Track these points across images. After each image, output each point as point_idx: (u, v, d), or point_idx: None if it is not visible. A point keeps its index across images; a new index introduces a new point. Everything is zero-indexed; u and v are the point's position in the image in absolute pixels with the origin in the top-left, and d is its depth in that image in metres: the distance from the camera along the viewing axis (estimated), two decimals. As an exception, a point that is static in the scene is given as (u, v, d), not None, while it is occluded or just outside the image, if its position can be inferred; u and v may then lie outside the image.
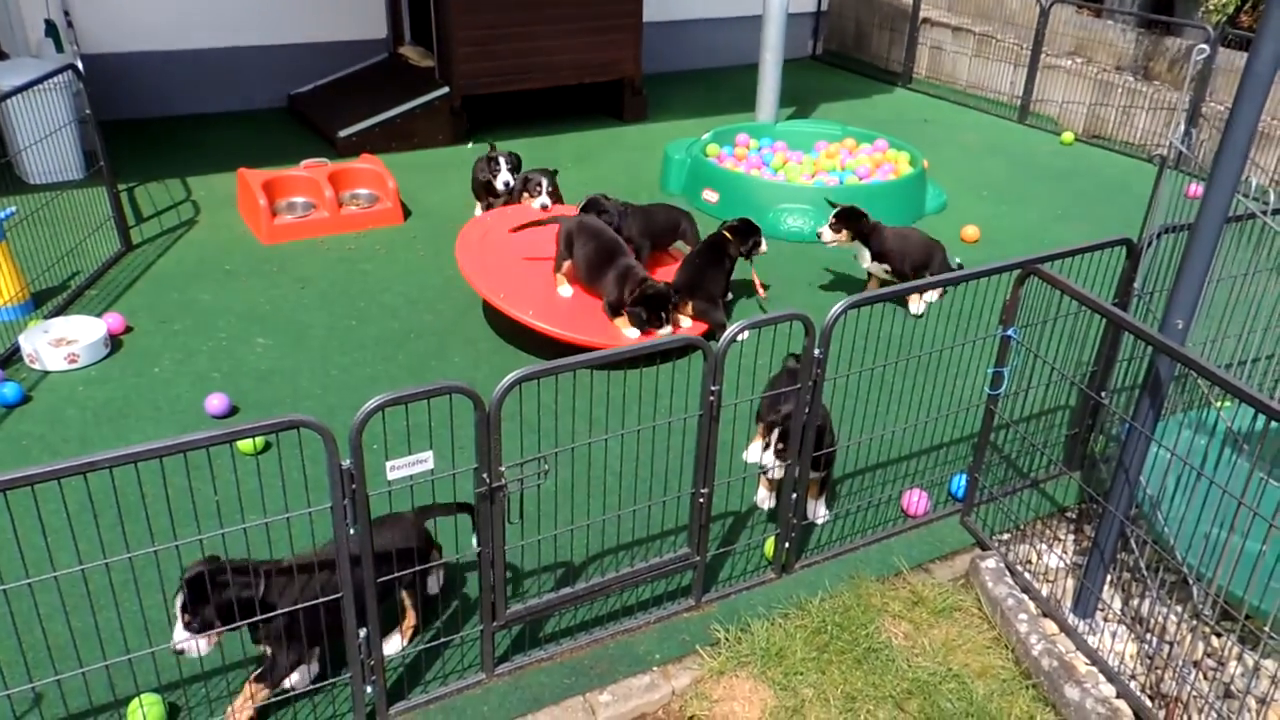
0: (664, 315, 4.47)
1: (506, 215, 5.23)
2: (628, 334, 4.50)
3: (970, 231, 6.03)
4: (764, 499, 3.60)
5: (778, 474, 3.22)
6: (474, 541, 2.75)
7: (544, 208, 5.29)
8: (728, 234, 4.87)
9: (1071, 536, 3.58)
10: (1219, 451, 2.81)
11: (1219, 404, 3.18)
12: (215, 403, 4.02)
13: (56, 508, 2.77)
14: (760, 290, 5.03)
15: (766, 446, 3.22)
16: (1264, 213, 2.88)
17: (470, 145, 5.96)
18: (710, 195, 6.25)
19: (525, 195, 5.45)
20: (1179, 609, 3.10)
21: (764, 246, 4.95)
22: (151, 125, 7.38)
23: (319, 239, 5.66)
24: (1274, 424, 2.38)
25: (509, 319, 4.56)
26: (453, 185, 6.53)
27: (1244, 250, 3.47)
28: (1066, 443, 3.93)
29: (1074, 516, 3.68)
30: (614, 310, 4.56)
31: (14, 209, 4.68)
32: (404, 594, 2.90)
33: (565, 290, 4.74)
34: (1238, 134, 2.45)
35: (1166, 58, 7.67)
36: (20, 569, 2.63)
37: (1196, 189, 5.72)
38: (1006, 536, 3.54)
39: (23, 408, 4.03)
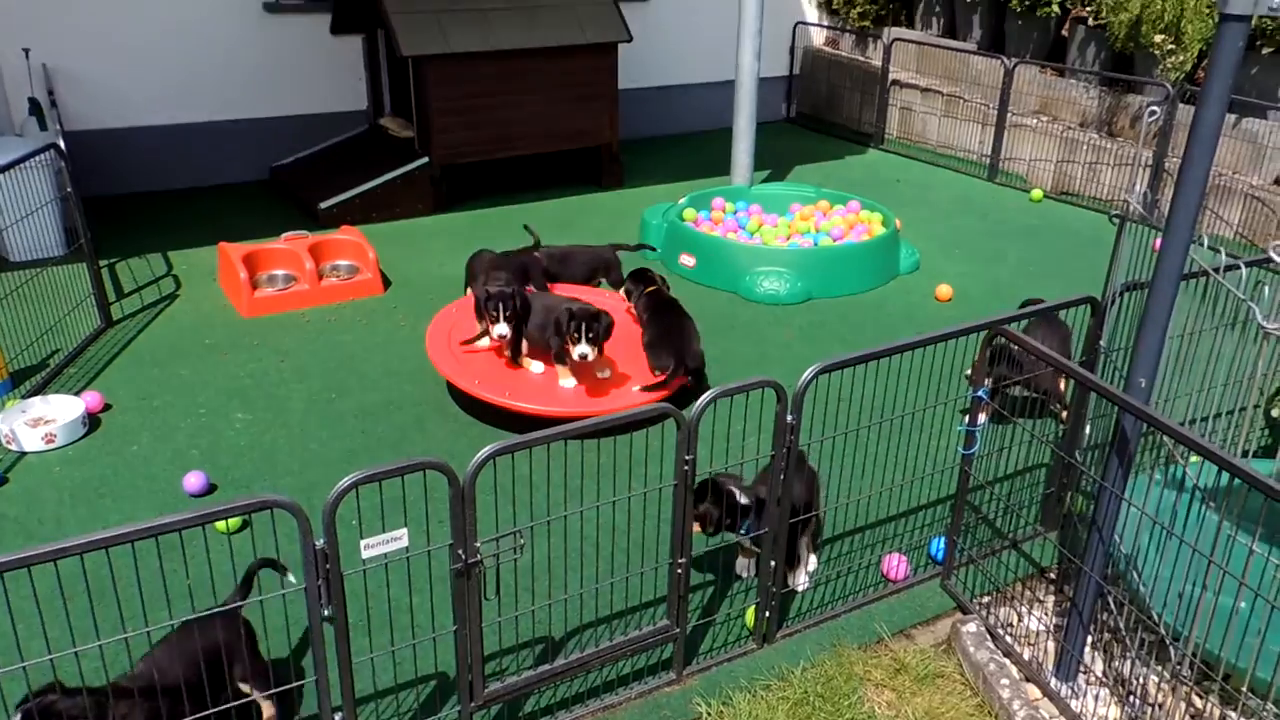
0: (592, 336, 4.44)
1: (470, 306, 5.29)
2: (563, 384, 4.61)
3: (944, 290, 6.11)
4: (743, 567, 3.59)
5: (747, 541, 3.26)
6: (291, 578, 2.76)
7: (501, 337, 4.76)
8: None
9: (1052, 598, 3.58)
10: (1188, 507, 2.84)
11: (1184, 461, 3.21)
12: (193, 480, 4.01)
13: (26, 593, 2.74)
14: None
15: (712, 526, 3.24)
16: (1216, 270, 2.94)
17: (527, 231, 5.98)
18: (687, 259, 6.33)
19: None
20: (1160, 669, 3.10)
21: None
22: (134, 200, 7.44)
23: (299, 311, 5.69)
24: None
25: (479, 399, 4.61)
26: (433, 255, 6.60)
27: (1203, 304, 3.53)
28: (1043, 502, 3.95)
29: (1054, 577, 3.68)
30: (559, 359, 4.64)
31: (-7, 289, 4.70)
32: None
33: (536, 366, 4.78)
34: (1187, 195, 2.52)
35: (1128, 114, 7.87)
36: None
37: (1161, 242, 5.85)
38: (987, 599, 3.54)
39: (-2, 490, 4.01)
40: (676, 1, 9.25)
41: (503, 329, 4.57)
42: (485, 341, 4.83)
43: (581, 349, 4.38)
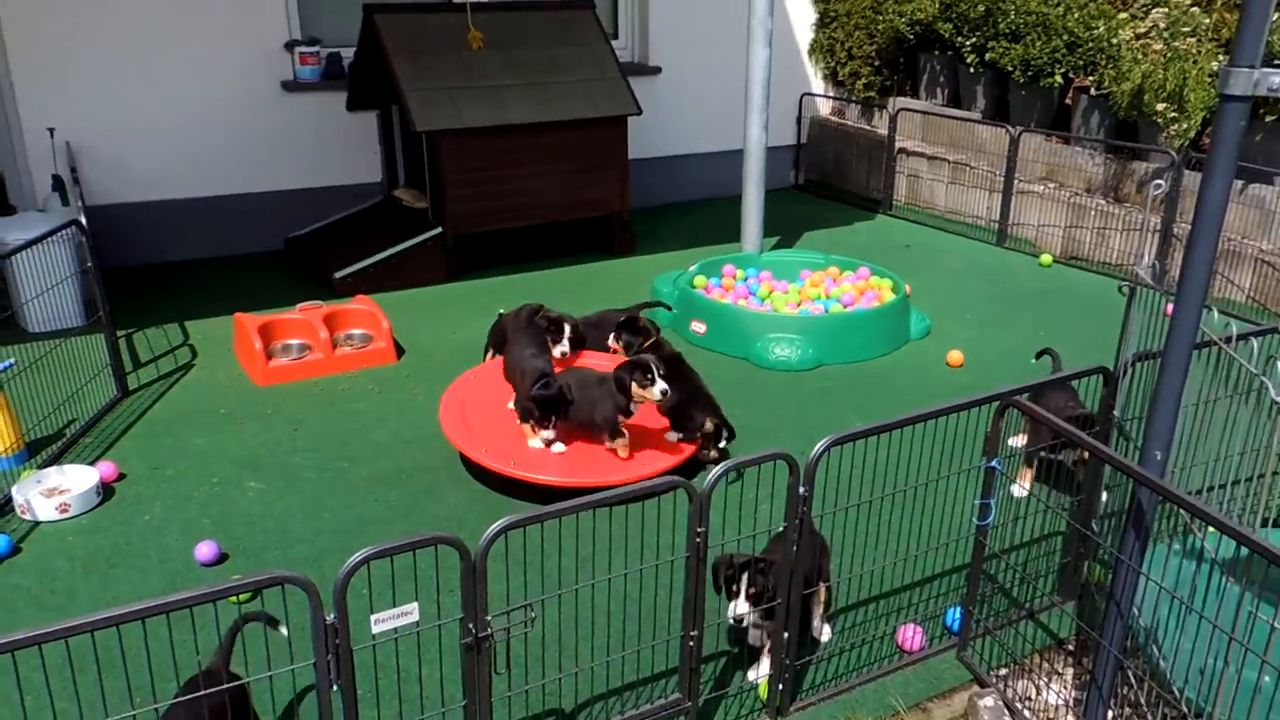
0: (553, 418, 4.63)
1: (487, 373, 5.34)
2: (531, 443, 4.68)
3: (955, 356, 6.12)
4: (755, 638, 3.55)
5: (750, 620, 3.21)
6: (284, 630, 2.81)
7: (563, 355, 5.40)
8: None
9: (1070, 670, 3.52)
10: (1208, 579, 2.80)
11: (1201, 533, 3.18)
12: (204, 550, 4.01)
13: (36, 664, 2.74)
14: None
15: (731, 594, 3.21)
16: (1228, 340, 2.95)
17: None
18: (698, 326, 6.37)
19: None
20: (1183, 744, 3.03)
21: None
22: (152, 271, 7.57)
23: (313, 380, 5.74)
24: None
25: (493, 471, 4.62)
26: (446, 322, 6.67)
27: (1216, 373, 3.53)
28: (1060, 571, 3.90)
29: (1072, 649, 3.62)
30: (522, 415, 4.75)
31: (13, 360, 4.77)
32: None
33: (535, 443, 4.77)
34: (1195, 271, 2.54)
35: (1134, 180, 7.95)
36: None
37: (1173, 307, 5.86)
38: (1005, 671, 3.49)
39: (11, 560, 4.01)
40: (685, 74, 9.45)
41: (549, 434, 4.68)
42: (536, 442, 4.74)
43: (661, 386, 4.45)
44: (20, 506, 4.29)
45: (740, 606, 3.17)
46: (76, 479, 4.48)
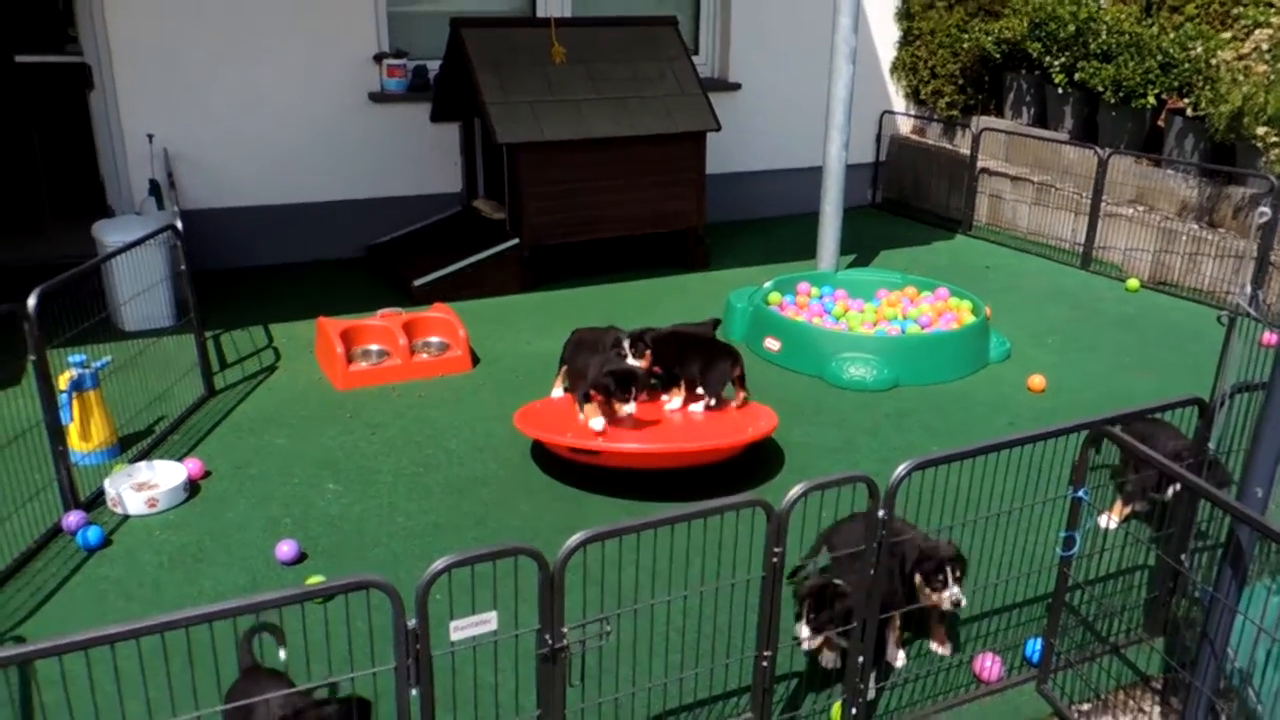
0: (632, 391, 4.66)
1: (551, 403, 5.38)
2: (592, 424, 4.71)
3: (1037, 381, 5.98)
4: (829, 660, 3.50)
5: (811, 645, 3.19)
6: (282, 654, 2.93)
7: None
8: None
9: (1157, 709, 3.40)
10: (1310, 623, 2.69)
11: (1306, 572, 3.05)
12: (285, 549, 4.10)
13: (130, 651, 2.82)
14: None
15: (799, 617, 3.20)
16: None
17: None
18: (772, 343, 6.33)
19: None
20: (1279, 794, 2.90)
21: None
22: (240, 275, 7.79)
23: (391, 385, 5.84)
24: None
25: (570, 465, 4.65)
26: (521, 333, 6.74)
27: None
28: (1146, 606, 3.78)
29: (1159, 687, 3.50)
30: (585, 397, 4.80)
31: (110, 358, 4.95)
32: None
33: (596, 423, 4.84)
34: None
35: (1230, 205, 7.69)
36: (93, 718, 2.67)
37: (1272, 336, 5.64)
38: (1086, 707, 3.38)
39: (102, 551, 4.16)
40: (765, 90, 9.43)
41: (630, 407, 4.75)
42: (597, 422, 4.76)
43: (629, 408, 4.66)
44: (112, 500, 4.44)
45: (802, 630, 3.15)
46: (165, 475, 4.62)
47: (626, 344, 5.13)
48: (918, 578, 3.39)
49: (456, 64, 7.51)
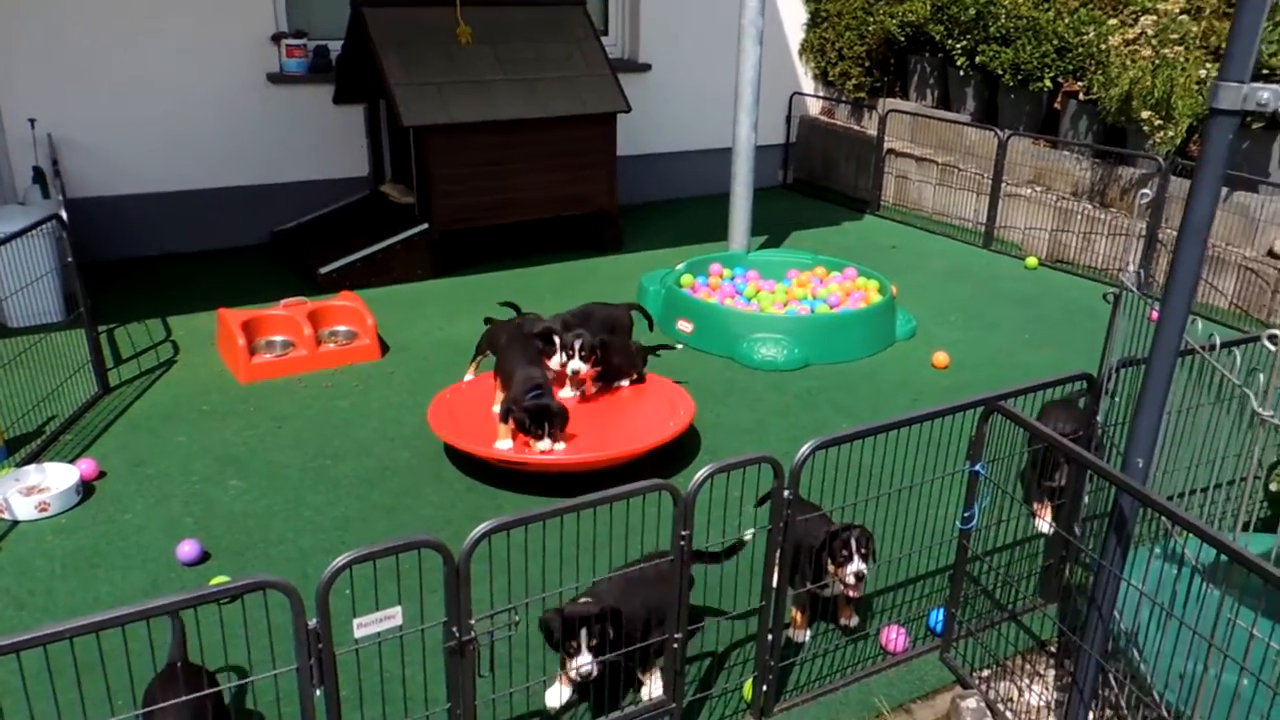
0: (545, 427, 4.54)
1: (463, 392, 5.28)
2: (498, 445, 4.60)
3: (940, 358, 6.14)
4: (798, 634, 3.57)
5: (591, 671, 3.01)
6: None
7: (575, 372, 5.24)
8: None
9: (1052, 672, 3.54)
10: (1189, 584, 2.82)
11: (1183, 538, 3.19)
12: (186, 549, 3.97)
13: (13, 667, 2.71)
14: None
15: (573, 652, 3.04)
16: (1205, 348, 2.96)
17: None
18: (685, 325, 6.37)
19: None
20: (1163, 749, 3.05)
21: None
22: (134, 265, 7.50)
23: (297, 377, 5.70)
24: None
25: (481, 458, 4.60)
26: (431, 319, 6.64)
27: (1198, 379, 3.55)
28: (1042, 574, 3.92)
29: (1054, 651, 3.64)
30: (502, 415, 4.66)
31: (-8, 355, 4.72)
32: None
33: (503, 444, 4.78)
34: (1180, 283, 2.56)
35: (1120, 186, 7.99)
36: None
37: (1157, 313, 5.89)
38: (987, 673, 3.50)
39: (-11, 559, 3.98)
40: (675, 71, 9.44)
41: (545, 444, 4.55)
42: (505, 443, 4.62)
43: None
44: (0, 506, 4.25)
45: (580, 661, 2.99)
46: (56, 477, 4.44)
47: (561, 354, 5.02)
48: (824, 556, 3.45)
49: (359, 45, 7.33)
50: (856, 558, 3.38)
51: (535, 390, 4.57)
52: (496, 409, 4.81)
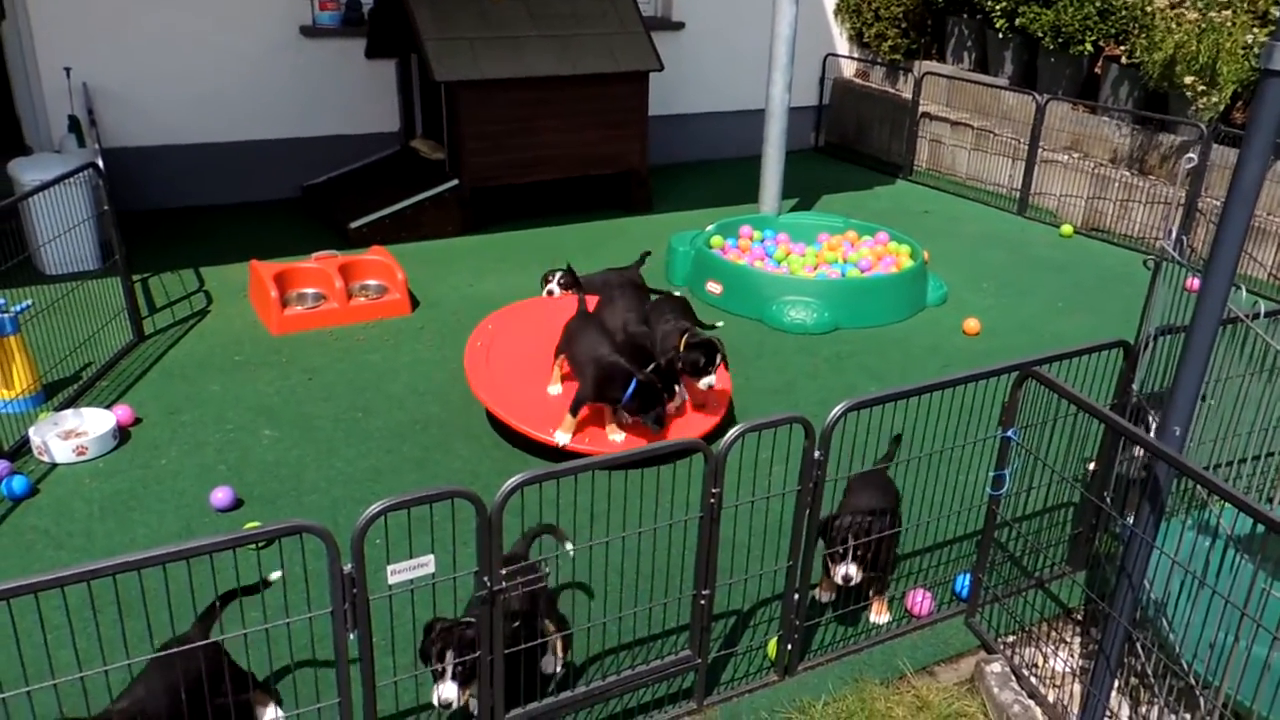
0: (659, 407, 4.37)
1: (507, 318, 5.30)
2: (612, 438, 4.49)
3: (972, 324, 6.09)
4: (825, 595, 3.59)
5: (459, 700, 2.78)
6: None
7: (550, 294, 5.52)
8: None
9: (1078, 639, 3.54)
10: (1222, 554, 2.80)
11: (1217, 507, 3.17)
12: (220, 496, 4.04)
13: (57, 603, 2.77)
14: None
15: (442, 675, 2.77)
16: (1249, 316, 2.92)
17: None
18: (714, 287, 6.34)
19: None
20: (1188, 717, 3.05)
21: (712, 379, 4.59)
22: (168, 216, 7.55)
23: (328, 329, 5.74)
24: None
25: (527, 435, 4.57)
26: (461, 275, 6.65)
27: (1231, 347, 3.51)
28: (1071, 541, 3.91)
29: (1080, 618, 3.64)
30: (575, 409, 4.40)
31: (30, 302, 4.77)
32: None
33: (555, 389, 4.77)
34: (1226, 250, 2.51)
35: (1160, 153, 7.84)
36: (19, 668, 2.63)
37: (1194, 282, 5.80)
38: (1012, 639, 3.51)
39: (30, 501, 4.05)
40: (709, 31, 9.32)
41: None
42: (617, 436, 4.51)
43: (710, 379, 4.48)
44: (37, 448, 4.32)
45: (446, 689, 2.72)
46: (93, 422, 4.51)
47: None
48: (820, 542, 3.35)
49: (391, -2, 7.29)
50: (849, 562, 3.28)
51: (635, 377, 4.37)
52: (551, 389, 4.76)
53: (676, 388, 4.63)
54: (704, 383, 4.54)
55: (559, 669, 3.21)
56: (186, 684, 2.54)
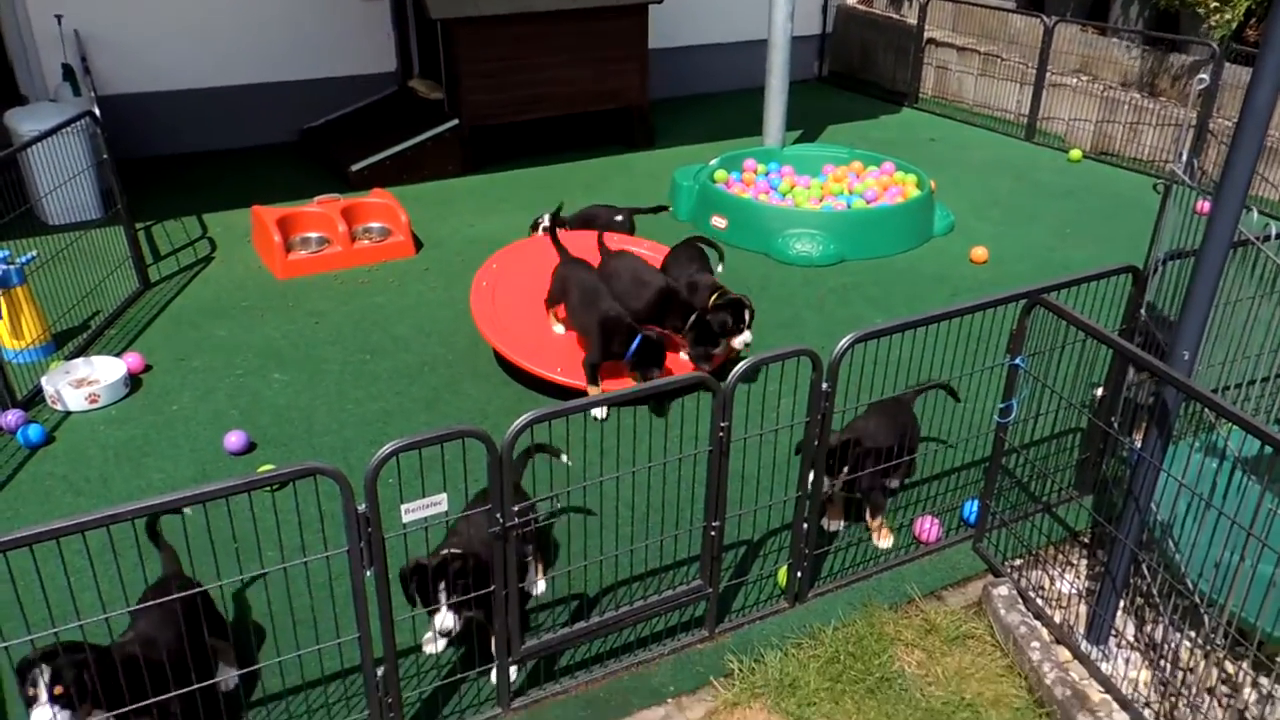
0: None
1: (510, 259, 5.28)
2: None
3: (979, 253, 6.05)
4: (832, 524, 3.63)
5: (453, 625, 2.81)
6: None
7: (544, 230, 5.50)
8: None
9: (1084, 561, 3.58)
10: (1229, 475, 2.82)
11: (1224, 429, 3.18)
12: (233, 440, 4.08)
13: (79, 548, 2.82)
14: None
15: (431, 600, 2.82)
16: (1260, 239, 2.90)
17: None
18: (719, 221, 6.30)
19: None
20: (1193, 635, 3.10)
21: (747, 337, 4.55)
22: (167, 163, 7.50)
23: (333, 273, 5.74)
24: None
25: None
26: (463, 216, 6.61)
27: (1241, 270, 3.49)
28: (1078, 466, 3.94)
29: (1086, 541, 3.68)
30: (591, 372, 4.32)
31: (35, 253, 4.77)
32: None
33: (558, 328, 4.78)
34: (1238, 171, 2.48)
35: (1171, 74, 7.70)
36: (44, 611, 2.68)
37: (1205, 204, 5.75)
38: (1019, 562, 3.55)
39: (46, 449, 4.10)
40: (708, -42, 9.11)
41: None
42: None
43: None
44: (50, 397, 4.36)
45: (445, 618, 2.77)
46: (104, 370, 4.54)
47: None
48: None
49: (384, -68, 7.12)
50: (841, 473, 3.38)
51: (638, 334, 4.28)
52: (556, 329, 4.75)
53: (722, 342, 4.55)
54: (739, 341, 4.51)
55: (540, 588, 3.28)
56: None
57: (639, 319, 4.40)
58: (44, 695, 2.32)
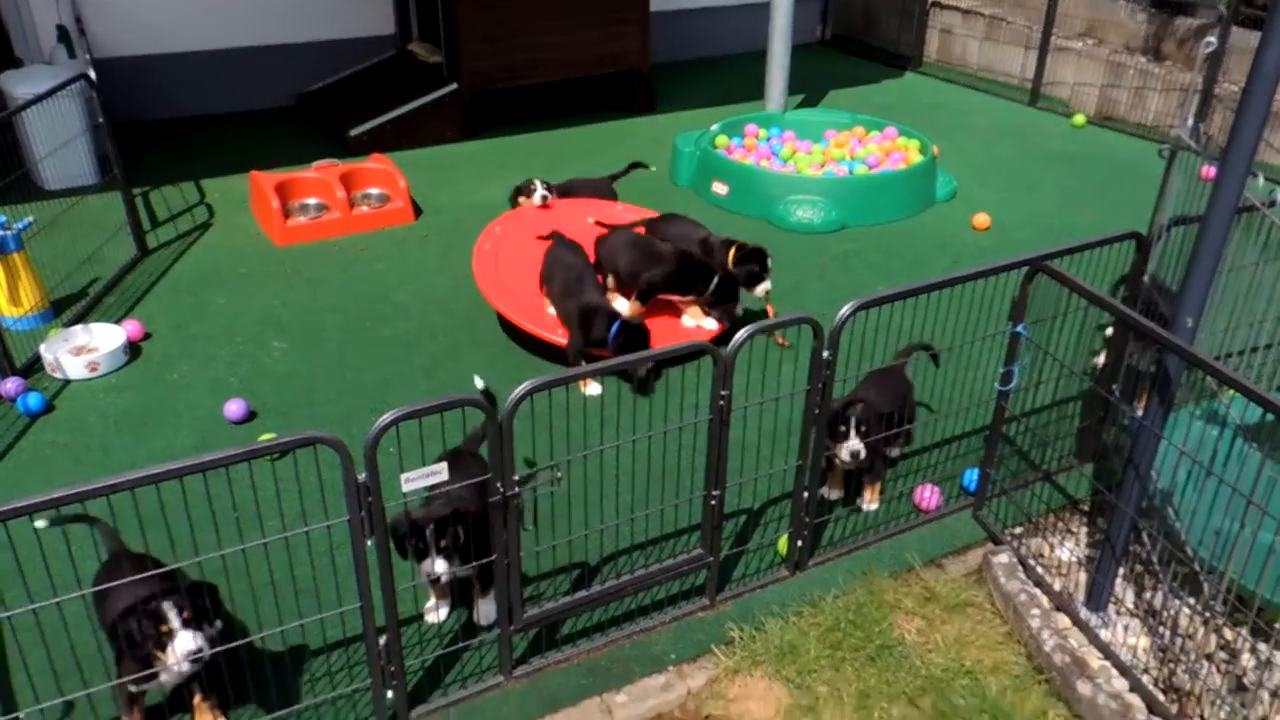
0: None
1: (513, 223, 5.24)
2: (686, 323, 4.56)
3: (981, 219, 6.01)
4: (830, 492, 3.63)
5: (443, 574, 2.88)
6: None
7: (544, 199, 5.46)
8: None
9: (1084, 529, 3.59)
10: (1230, 443, 2.82)
11: (1226, 396, 3.17)
12: (233, 408, 4.08)
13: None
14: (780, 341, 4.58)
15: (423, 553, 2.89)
16: (1264, 204, 2.87)
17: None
18: (720, 187, 6.26)
19: (523, 199, 5.55)
20: (1192, 602, 3.12)
21: (767, 285, 4.61)
22: (164, 127, 7.43)
23: (332, 239, 5.71)
24: (1282, 422, 2.39)
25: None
26: (463, 182, 6.57)
27: (1245, 237, 3.46)
28: (1079, 435, 3.93)
29: (1086, 509, 3.69)
30: (573, 358, 4.24)
31: (32, 219, 4.74)
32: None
33: (551, 310, 4.72)
34: (1244, 137, 2.45)
35: (1177, 37, 7.60)
36: (46, 580, 2.69)
37: (1211, 170, 5.70)
38: (1019, 530, 3.56)
39: (46, 417, 4.10)
40: (709, -82, 8.97)
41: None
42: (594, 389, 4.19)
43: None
44: (50, 365, 4.35)
45: (436, 563, 2.85)
46: (104, 338, 4.52)
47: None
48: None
49: (380, -108, 7.00)
50: (854, 436, 3.35)
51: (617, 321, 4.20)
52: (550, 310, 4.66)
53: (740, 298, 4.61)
54: (760, 290, 4.57)
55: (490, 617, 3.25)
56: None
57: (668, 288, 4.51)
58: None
